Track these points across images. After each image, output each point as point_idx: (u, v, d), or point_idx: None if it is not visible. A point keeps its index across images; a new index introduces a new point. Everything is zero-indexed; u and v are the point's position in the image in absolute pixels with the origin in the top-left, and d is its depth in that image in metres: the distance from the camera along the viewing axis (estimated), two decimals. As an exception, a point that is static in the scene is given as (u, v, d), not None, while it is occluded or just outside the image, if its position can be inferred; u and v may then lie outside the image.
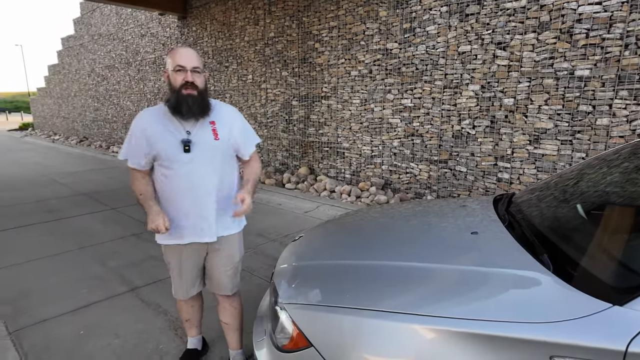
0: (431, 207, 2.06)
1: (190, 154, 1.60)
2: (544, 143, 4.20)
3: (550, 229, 1.45)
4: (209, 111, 1.63)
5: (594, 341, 0.96)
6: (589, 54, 3.81)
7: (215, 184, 1.67)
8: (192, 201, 1.65)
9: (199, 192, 1.64)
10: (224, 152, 1.71)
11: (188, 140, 1.60)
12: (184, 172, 1.61)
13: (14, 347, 2.19)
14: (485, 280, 1.22)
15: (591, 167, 1.81)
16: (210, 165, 1.65)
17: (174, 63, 1.55)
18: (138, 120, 1.66)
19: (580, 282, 1.10)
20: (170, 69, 1.57)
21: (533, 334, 1.01)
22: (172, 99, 1.57)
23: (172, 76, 1.57)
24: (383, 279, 1.33)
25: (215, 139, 1.64)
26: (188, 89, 1.55)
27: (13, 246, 3.78)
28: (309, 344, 1.22)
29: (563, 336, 0.98)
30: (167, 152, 1.60)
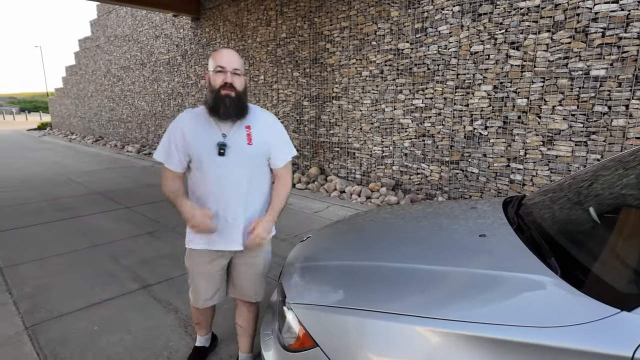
0: (441, 208, 2.06)
1: (223, 157, 1.57)
2: (557, 144, 4.13)
3: (559, 232, 1.43)
4: (245, 114, 1.61)
5: (600, 347, 0.94)
6: (605, 53, 3.74)
7: (244, 190, 1.63)
8: (221, 205, 1.61)
9: (230, 197, 1.61)
10: (256, 159, 1.67)
11: (223, 143, 1.57)
12: (216, 175, 1.59)
13: (30, 341, 2.26)
14: (492, 284, 1.21)
15: (606, 168, 1.78)
16: (241, 170, 1.61)
17: (215, 63, 1.55)
18: (177, 120, 1.64)
19: (588, 287, 1.09)
20: (211, 70, 1.57)
21: (538, 338, 1.00)
22: (210, 100, 1.56)
23: (212, 77, 1.57)
24: (390, 281, 1.33)
25: (248, 144, 1.61)
26: (226, 90, 1.53)
27: (32, 242, 3.89)
28: (315, 344, 1.23)
29: (569, 341, 0.97)
30: (201, 154, 1.58)
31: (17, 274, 3.15)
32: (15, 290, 2.87)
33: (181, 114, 1.67)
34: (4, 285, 2.95)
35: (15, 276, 3.11)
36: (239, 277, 1.78)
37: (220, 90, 1.53)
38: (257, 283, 1.81)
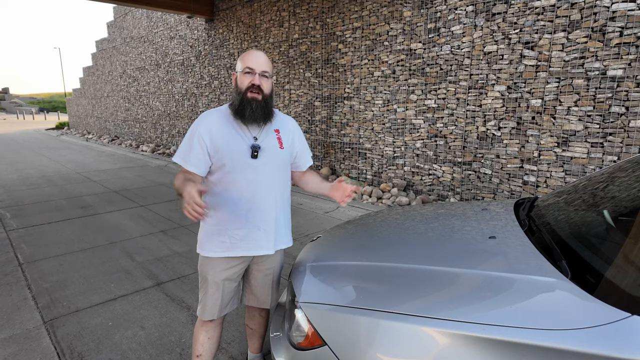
0: (452, 210, 2.05)
1: (257, 160, 1.53)
2: (572, 145, 4.07)
3: (570, 234, 1.42)
4: (272, 117, 1.57)
5: (610, 350, 0.94)
6: (622, 53, 3.66)
7: (277, 194, 1.61)
8: (252, 210, 1.56)
9: (260, 201, 1.56)
10: (287, 162, 1.67)
11: (257, 145, 1.53)
12: (248, 179, 1.53)
13: (48, 335, 2.33)
14: (501, 286, 1.21)
15: (622, 170, 1.75)
16: (274, 174, 1.59)
17: (244, 65, 1.50)
18: (204, 120, 1.55)
19: (598, 290, 1.08)
20: (239, 71, 1.52)
21: (547, 341, 1.00)
22: (236, 101, 1.52)
23: (239, 78, 1.52)
24: (400, 282, 1.34)
25: (280, 148, 1.60)
26: (253, 92, 1.49)
27: (52, 239, 4.00)
28: (324, 343, 1.25)
29: (578, 344, 0.97)
30: (232, 156, 1.51)
31: (36, 270, 3.25)
32: (34, 286, 2.96)
33: (207, 113, 1.58)
34: (24, 281, 3.05)
35: (34, 272, 3.21)
36: (256, 284, 1.73)
37: (247, 93, 1.49)
38: (275, 289, 1.78)
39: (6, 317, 2.52)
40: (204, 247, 1.61)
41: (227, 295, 1.67)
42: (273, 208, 1.60)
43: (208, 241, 1.60)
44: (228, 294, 1.67)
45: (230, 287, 1.67)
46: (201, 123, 1.55)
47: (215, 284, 1.62)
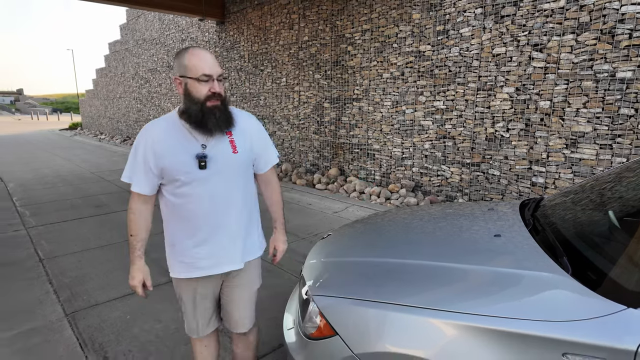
0: (459, 209, 2.11)
1: (206, 170, 1.37)
2: (581, 147, 4.08)
3: (572, 232, 1.47)
4: (233, 122, 1.42)
5: (605, 341, 1.00)
6: (632, 55, 3.67)
7: (238, 203, 1.47)
8: (211, 225, 1.42)
9: (218, 215, 1.43)
10: (244, 166, 1.49)
11: (203, 155, 1.37)
12: (200, 193, 1.39)
13: (70, 327, 2.44)
14: (505, 281, 1.27)
15: (630, 170, 1.78)
16: (230, 183, 1.44)
17: (198, 71, 1.31)
18: (144, 134, 1.40)
19: (597, 285, 1.14)
20: (191, 77, 1.32)
21: (547, 331, 1.06)
22: (195, 113, 1.34)
23: (193, 86, 1.33)
24: (407, 276, 1.41)
25: (233, 152, 1.43)
26: (213, 101, 1.34)
27: (70, 236, 4.13)
28: (335, 333, 1.32)
29: (576, 335, 1.03)
30: (178, 169, 1.36)
31: (56, 266, 3.37)
32: (55, 281, 3.09)
33: (148, 125, 1.42)
34: (45, 276, 3.18)
35: (55, 267, 3.34)
36: (232, 301, 1.58)
37: (206, 102, 1.33)
38: (251, 306, 1.63)
39: (30, 310, 2.64)
40: (170, 267, 1.52)
41: (205, 314, 1.56)
42: (235, 220, 1.46)
43: (171, 261, 1.50)
44: (205, 312, 1.56)
45: (206, 306, 1.55)
46: (143, 135, 1.40)
47: (190, 302, 1.53)
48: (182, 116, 1.38)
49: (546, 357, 1.05)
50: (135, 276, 1.47)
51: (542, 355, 1.06)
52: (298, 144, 7.87)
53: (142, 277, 1.48)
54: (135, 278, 1.47)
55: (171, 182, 1.40)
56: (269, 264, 3.45)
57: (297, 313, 1.62)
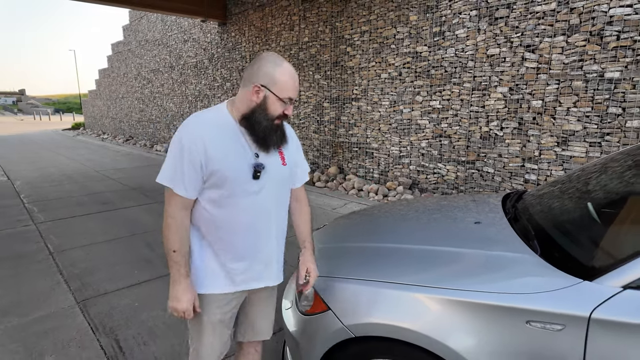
0: (447, 200, 2.25)
1: (259, 181, 1.29)
2: (572, 145, 4.22)
3: (543, 219, 1.61)
4: (288, 139, 1.38)
5: (564, 309, 1.14)
6: (619, 56, 3.81)
7: (278, 218, 1.40)
8: (252, 238, 1.33)
9: (261, 228, 1.34)
10: (289, 180, 1.44)
11: (260, 164, 1.28)
12: (248, 204, 1.29)
13: (82, 313, 2.59)
14: (480, 261, 1.42)
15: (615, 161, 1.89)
16: (276, 196, 1.37)
17: (287, 92, 1.24)
18: (192, 130, 1.24)
19: (560, 262, 1.28)
20: (275, 94, 1.23)
21: (514, 302, 1.20)
22: (262, 128, 1.25)
23: (273, 102, 1.24)
24: (395, 258, 1.56)
25: (283, 164, 1.36)
26: (280, 120, 1.29)
27: (78, 231, 4.28)
28: (328, 308, 1.46)
29: (538, 305, 1.17)
30: (232, 176, 1.25)
31: (66, 258, 3.52)
32: (65, 272, 3.24)
33: (196, 119, 1.27)
34: (56, 268, 3.33)
35: (64, 260, 3.49)
36: (255, 314, 1.50)
37: (275, 120, 1.28)
38: (273, 316, 1.56)
39: (43, 298, 2.79)
40: (198, 282, 1.33)
41: (226, 334, 1.43)
42: (275, 234, 1.39)
43: (200, 276, 1.33)
44: (227, 332, 1.43)
45: (229, 325, 1.44)
46: (192, 130, 1.24)
47: (211, 325, 1.37)
48: (242, 122, 1.27)
49: (513, 325, 1.19)
50: (183, 298, 1.26)
51: (509, 323, 1.20)
52: (298, 143, 8.01)
53: (192, 297, 1.28)
54: (182, 300, 1.26)
55: (216, 188, 1.26)
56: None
57: (294, 295, 1.76)
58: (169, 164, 1.24)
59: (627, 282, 1.12)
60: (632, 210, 1.41)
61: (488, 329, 1.22)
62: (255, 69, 1.24)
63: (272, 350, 2.20)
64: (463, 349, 1.24)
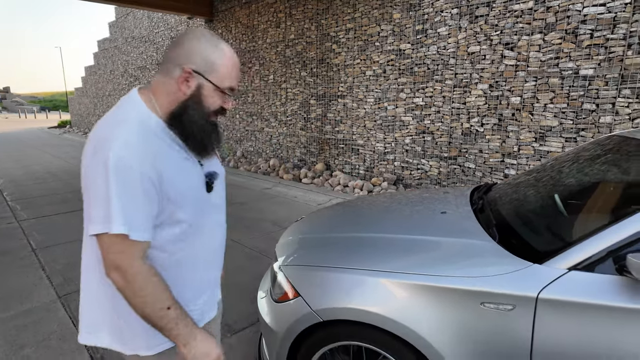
0: (419, 193, 2.33)
1: (213, 193, 1.05)
2: (549, 140, 4.33)
3: (504, 208, 1.69)
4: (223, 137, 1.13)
5: (514, 290, 1.22)
6: (593, 53, 3.93)
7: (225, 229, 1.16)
8: (213, 265, 1.11)
9: (220, 249, 1.13)
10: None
11: (213, 173, 1.05)
12: (210, 225, 1.06)
13: (63, 307, 2.61)
14: (443, 247, 1.49)
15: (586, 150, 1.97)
16: (223, 205, 1.14)
17: (227, 81, 0.97)
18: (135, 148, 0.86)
19: (514, 247, 1.36)
20: (214, 82, 0.95)
21: (470, 285, 1.27)
22: (196, 126, 0.95)
23: (209, 94, 0.96)
24: (363, 246, 1.62)
25: (222, 164, 1.16)
26: (216, 116, 1.02)
27: (61, 228, 4.27)
28: (298, 295, 1.52)
29: (491, 287, 1.25)
30: (193, 196, 0.98)
31: (49, 255, 3.52)
32: (48, 268, 3.24)
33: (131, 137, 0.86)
34: (38, 264, 3.33)
35: (47, 256, 3.49)
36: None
37: (210, 116, 0.99)
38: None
39: (26, 294, 2.80)
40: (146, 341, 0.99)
41: None
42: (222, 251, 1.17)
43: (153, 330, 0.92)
44: None
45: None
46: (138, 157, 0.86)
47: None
48: (172, 122, 0.94)
49: (469, 306, 1.27)
50: (212, 348, 0.96)
51: (466, 305, 1.27)
52: (286, 140, 8.05)
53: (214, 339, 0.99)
54: (213, 351, 0.96)
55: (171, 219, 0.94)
56: (253, 251, 3.64)
57: (269, 284, 1.82)
58: (116, 202, 0.83)
59: (572, 264, 1.20)
60: (582, 199, 1.49)
61: (447, 311, 1.29)
62: (185, 50, 0.94)
63: (249, 340, 2.25)
64: (424, 330, 1.31)
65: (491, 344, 1.25)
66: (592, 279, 1.16)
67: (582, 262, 1.19)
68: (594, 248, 1.18)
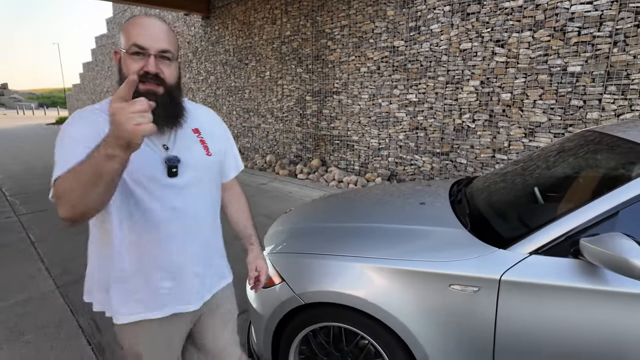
0: (404, 186, 2.42)
1: (178, 178, 1.05)
2: (538, 136, 4.42)
3: (479, 199, 1.79)
4: (182, 117, 1.08)
5: (478, 273, 1.31)
6: (580, 50, 4.01)
7: (211, 220, 1.18)
8: (180, 251, 1.09)
9: (191, 237, 1.11)
10: (218, 173, 1.22)
11: (172, 157, 1.04)
12: (170, 208, 1.05)
13: (62, 297, 2.70)
14: (418, 235, 1.58)
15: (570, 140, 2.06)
16: (204, 195, 1.14)
17: (129, 40, 0.96)
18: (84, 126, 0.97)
19: (483, 235, 1.45)
20: (124, 50, 0.98)
21: (439, 269, 1.36)
22: None
23: (124, 62, 0.98)
24: (345, 235, 1.71)
25: (207, 155, 1.14)
26: (149, 84, 0.97)
27: (60, 221, 4.36)
28: (282, 280, 1.62)
29: (458, 270, 1.34)
30: (142, 179, 1.01)
31: (47, 247, 3.61)
32: (46, 259, 3.34)
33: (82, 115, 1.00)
34: (37, 256, 3.42)
35: (46, 249, 3.58)
36: (216, 337, 1.29)
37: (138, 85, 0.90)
38: (236, 335, 1.37)
39: (24, 284, 2.89)
40: (116, 309, 1.07)
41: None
42: (208, 240, 1.18)
43: (121, 300, 1.06)
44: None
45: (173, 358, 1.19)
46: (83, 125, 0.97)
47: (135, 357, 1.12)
48: None
49: (439, 288, 1.36)
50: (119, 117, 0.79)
51: (436, 286, 1.36)
52: (282, 136, 8.13)
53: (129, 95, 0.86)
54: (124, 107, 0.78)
55: (125, 198, 1.01)
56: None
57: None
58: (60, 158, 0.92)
59: (532, 249, 1.29)
60: (550, 191, 1.58)
61: (419, 293, 1.39)
62: None
63: (240, 327, 2.34)
64: (398, 311, 1.40)
65: (460, 325, 1.34)
66: (551, 262, 1.26)
67: (542, 247, 1.28)
68: (552, 234, 1.27)
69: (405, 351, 1.43)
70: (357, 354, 1.55)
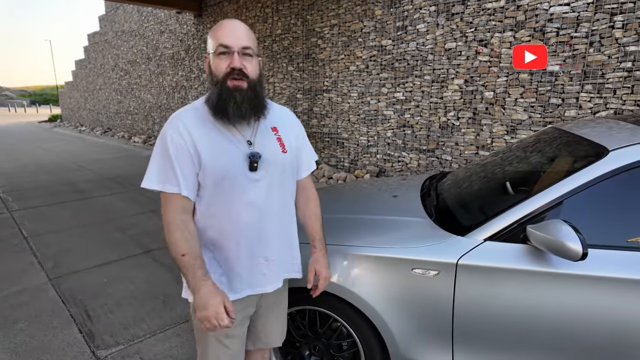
0: (382, 180, 2.54)
1: (257, 172, 1.15)
2: (519, 133, 4.56)
3: (445, 191, 1.91)
4: (265, 111, 1.18)
5: (438, 258, 1.43)
6: (559, 50, 4.15)
7: (283, 214, 1.27)
8: (254, 239, 1.19)
9: (264, 226, 1.20)
10: (292, 170, 1.29)
11: (255, 153, 1.15)
12: (248, 200, 1.16)
13: (54, 289, 2.80)
14: (387, 224, 1.70)
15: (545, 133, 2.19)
16: (279, 189, 1.23)
17: (216, 42, 1.09)
18: (177, 122, 1.12)
19: (444, 223, 1.57)
20: (212, 52, 1.12)
21: (404, 254, 1.48)
22: (214, 95, 1.11)
23: (213, 63, 1.12)
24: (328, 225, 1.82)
25: (283, 152, 1.23)
26: (235, 80, 1.09)
27: (52, 218, 4.44)
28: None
29: (420, 255, 1.46)
30: (227, 172, 1.12)
31: (40, 242, 3.70)
32: (39, 253, 3.42)
33: (180, 113, 1.16)
34: (30, 251, 3.50)
35: (38, 243, 3.66)
36: (267, 319, 1.37)
37: (226, 81, 1.09)
38: (284, 321, 1.45)
39: (17, 277, 2.98)
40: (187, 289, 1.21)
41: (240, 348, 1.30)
42: (279, 233, 1.26)
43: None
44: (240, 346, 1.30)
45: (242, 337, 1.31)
46: (176, 125, 1.12)
47: (215, 339, 1.24)
48: (208, 103, 1.14)
49: (402, 272, 1.48)
50: (210, 302, 1.08)
51: (401, 270, 1.48)
52: (273, 134, 8.21)
53: (220, 299, 1.11)
54: (210, 304, 1.08)
55: (207, 187, 1.14)
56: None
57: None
58: (153, 166, 1.12)
59: (487, 236, 1.41)
60: (509, 182, 1.71)
61: (385, 277, 1.50)
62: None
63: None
64: (366, 294, 1.52)
65: (422, 306, 1.46)
66: (503, 247, 1.38)
67: (495, 234, 1.40)
68: (504, 222, 1.39)
69: (374, 332, 1.55)
70: (330, 335, 1.67)
